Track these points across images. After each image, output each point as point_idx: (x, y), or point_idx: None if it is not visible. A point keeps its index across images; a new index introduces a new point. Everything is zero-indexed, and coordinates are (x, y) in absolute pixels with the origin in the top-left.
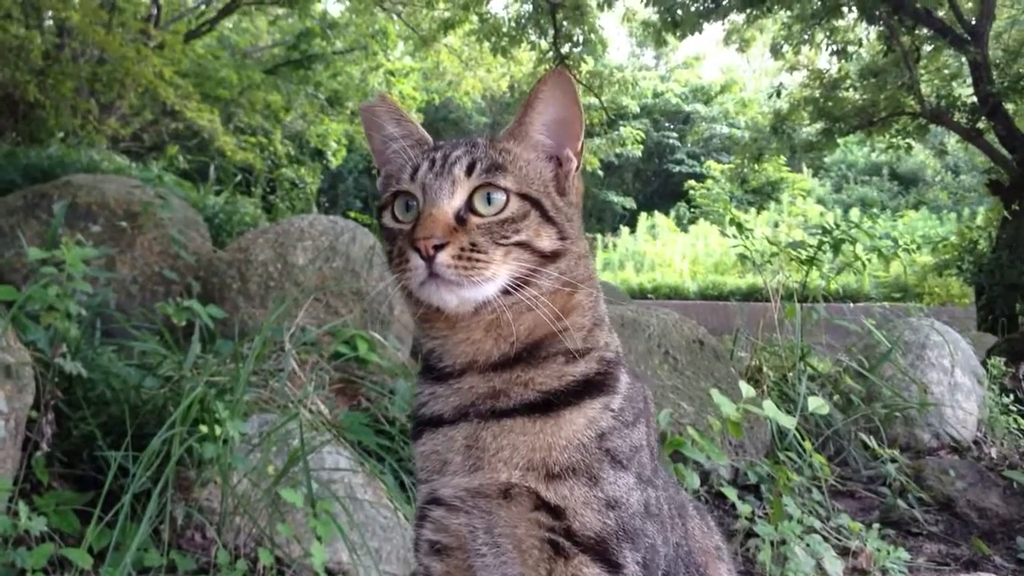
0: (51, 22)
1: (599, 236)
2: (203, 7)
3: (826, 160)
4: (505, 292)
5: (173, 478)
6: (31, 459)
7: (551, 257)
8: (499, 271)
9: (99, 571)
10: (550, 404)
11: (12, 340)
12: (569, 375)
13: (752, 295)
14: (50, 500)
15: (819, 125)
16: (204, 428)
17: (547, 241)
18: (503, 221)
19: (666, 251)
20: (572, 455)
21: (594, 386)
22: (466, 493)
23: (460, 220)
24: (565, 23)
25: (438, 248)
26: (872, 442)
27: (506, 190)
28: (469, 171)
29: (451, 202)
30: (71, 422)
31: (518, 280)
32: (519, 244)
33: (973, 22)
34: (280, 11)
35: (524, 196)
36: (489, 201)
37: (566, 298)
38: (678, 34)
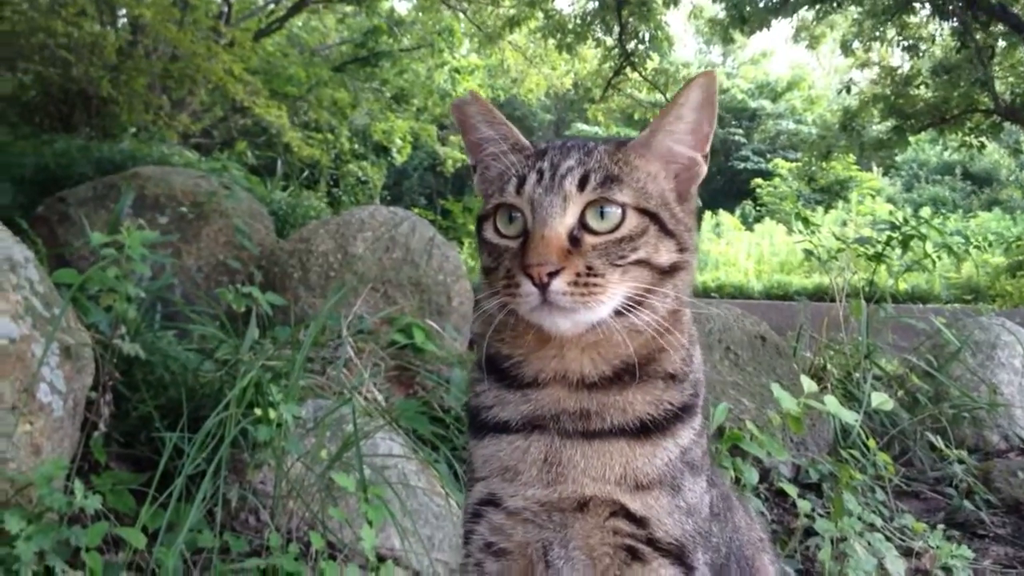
0: (125, 20)
1: None
2: (273, 6)
3: (897, 159)
4: (617, 313)
5: (227, 460)
6: (89, 439)
7: (669, 272)
8: (616, 292)
9: (152, 551)
10: (647, 430)
11: (73, 321)
12: (667, 402)
13: (818, 295)
14: (107, 479)
15: (890, 123)
16: (258, 411)
17: (666, 256)
18: (620, 239)
19: (731, 250)
20: (660, 469)
21: (686, 410)
22: (540, 507)
23: (574, 240)
24: (631, 20)
25: (552, 275)
26: (939, 442)
27: (623, 205)
28: (582, 185)
29: (563, 221)
30: (129, 403)
31: (633, 300)
32: (637, 262)
33: None
34: (348, 9)
35: (642, 211)
36: (602, 215)
37: (673, 317)
38: (746, 31)
